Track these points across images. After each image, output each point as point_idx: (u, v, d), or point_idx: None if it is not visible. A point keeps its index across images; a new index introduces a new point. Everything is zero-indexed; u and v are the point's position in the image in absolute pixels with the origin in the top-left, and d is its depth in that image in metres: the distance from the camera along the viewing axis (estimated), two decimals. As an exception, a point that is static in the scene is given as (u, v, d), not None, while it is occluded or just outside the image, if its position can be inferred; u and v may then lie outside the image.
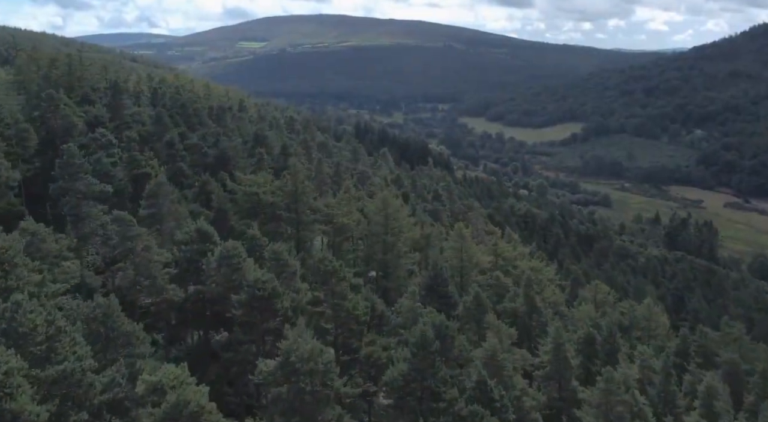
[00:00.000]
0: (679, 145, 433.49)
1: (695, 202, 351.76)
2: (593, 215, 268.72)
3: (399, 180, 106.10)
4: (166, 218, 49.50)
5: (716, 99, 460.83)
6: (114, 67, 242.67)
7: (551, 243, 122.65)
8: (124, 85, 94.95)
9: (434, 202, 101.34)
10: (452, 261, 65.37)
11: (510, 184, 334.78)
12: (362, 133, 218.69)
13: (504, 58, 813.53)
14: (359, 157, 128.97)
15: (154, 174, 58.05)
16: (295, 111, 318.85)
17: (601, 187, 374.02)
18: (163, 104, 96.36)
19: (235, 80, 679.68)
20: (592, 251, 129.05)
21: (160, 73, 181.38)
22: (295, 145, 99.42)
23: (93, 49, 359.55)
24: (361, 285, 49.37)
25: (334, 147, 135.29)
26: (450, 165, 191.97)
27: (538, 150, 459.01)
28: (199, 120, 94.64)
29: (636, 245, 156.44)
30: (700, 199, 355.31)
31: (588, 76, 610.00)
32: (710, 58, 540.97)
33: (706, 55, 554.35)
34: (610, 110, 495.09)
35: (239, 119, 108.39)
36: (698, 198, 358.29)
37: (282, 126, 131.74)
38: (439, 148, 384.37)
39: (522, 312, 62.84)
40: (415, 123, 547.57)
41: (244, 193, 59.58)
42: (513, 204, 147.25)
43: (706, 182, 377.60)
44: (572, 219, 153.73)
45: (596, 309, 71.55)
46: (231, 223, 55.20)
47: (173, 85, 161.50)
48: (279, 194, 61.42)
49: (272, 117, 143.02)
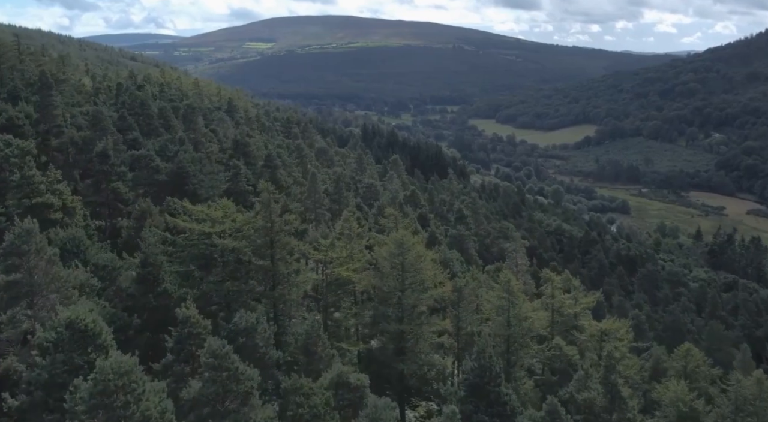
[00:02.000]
0: (697, 148, 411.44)
1: (716, 208, 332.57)
2: (622, 228, 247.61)
3: (414, 197, 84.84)
4: (41, 288, 29.08)
5: (734, 101, 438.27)
6: (101, 63, 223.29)
7: (593, 270, 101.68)
8: (64, 76, 73.58)
9: (458, 223, 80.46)
10: (497, 328, 44.82)
11: (525, 190, 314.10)
12: (369, 137, 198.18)
13: (513, 59, 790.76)
14: (365, 166, 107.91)
15: (58, 205, 37.46)
16: (300, 112, 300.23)
17: (617, 193, 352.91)
18: (122, 102, 75.85)
19: (242, 81, 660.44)
20: (638, 277, 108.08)
21: (151, 71, 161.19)
22: (286, 154, 78.65)
23: (91, 46, 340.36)
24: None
25: (336, 154, 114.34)
26: (466, 172, 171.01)
27: (551, 153, 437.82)
28: (166, 123, 74.03)
29: (679, 265, 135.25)
30: (721, 206, 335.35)
31: (601, 77, 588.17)
32: (726, 59, 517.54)
33: (722, 56, 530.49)
34: (624, 113, 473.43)
35: (221, 122, 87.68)
36: (719, 204, 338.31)
37: (275, 129, 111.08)
38: (450, 151, 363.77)
39: (600, 405, 42.16)
40: (423, 125, 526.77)
41: (188, 235, 38.60)
42: (541, 219, 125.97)
43: (726, 188, 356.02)
44: (605, 235, 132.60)
45: (689, 386, 50.66)
46: (164, 287, 34.34)
47: (158, 83, 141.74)
48: (247, 233, 40.67)
49: (265, 118, 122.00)
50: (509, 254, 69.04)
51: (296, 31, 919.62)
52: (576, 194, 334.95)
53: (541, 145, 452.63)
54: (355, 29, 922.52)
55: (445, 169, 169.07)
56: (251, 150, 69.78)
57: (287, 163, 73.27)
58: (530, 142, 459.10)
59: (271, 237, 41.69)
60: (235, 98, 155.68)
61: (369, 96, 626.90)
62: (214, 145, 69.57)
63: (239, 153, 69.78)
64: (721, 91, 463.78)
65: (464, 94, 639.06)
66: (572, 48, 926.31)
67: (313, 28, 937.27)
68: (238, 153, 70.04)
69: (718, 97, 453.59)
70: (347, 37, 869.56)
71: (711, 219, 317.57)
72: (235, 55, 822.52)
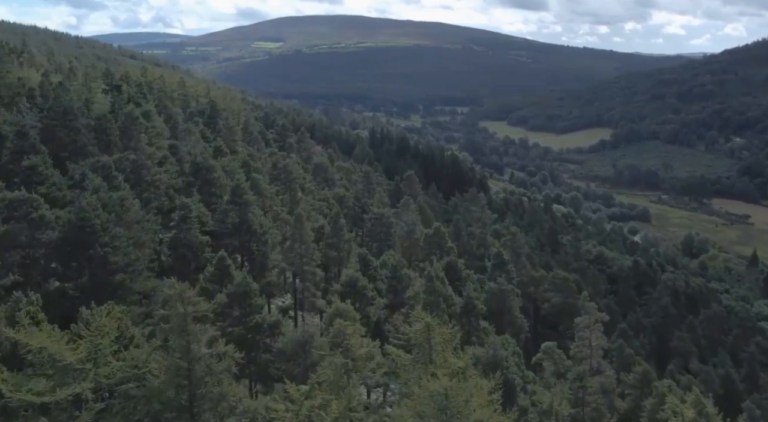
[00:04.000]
0: (718, 153, 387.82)
1: (741, 217, 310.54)
2: (647, 239, 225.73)
3: (439, 237, 62.70)
4: None
5: (753, 104, 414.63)
6: (87, 60, 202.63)
7: (656, 316, 79.48)
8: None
9: (495, 271, 58.58)
10: None
11: (541, 197, 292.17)
12: (378, 142, 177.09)
13: (524, 60, 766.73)
14: (374, 186, 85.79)
15: None
16: (306, 113, 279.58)
17: (636, 199, 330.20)
18: (49, 108, 55.09)
19: (250, 80, 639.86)
20: (702, 321, 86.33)
21: (130, 69, 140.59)
22: (265, 181, 57.33)
23: (89, 44, 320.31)
24: None
25: (338, 169, 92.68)
26: (486, 184, 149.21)
27: (565, 157, 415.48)
28: (104, 137, 53.21)
29: (735, 297, 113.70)
30: (746, 214, 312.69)
31: (614, 79, 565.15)
32: (743, 61, 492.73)
33: (739, 58, 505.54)
34: (640, 116, 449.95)
35: (187, 134, 66.53)
36: (744, 212, 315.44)
37: (265, 139, 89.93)
38: (462, 155, 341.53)
39: None
40: (433, 127, 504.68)
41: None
42: (579, 245, 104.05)
43: (750, 195, 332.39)
44: (656, 265, 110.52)
45: None
46: None
47: (136, 82, 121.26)
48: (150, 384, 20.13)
49: (256, 125, 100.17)
50: (580, 331, 48.06)
51: (304, 30, 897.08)
52: (594, 201, 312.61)
53: (555, 148, 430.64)
54: (363, 29, 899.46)
55: (463, 179, 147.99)
56: (216, 177, 48.89)
57: (267, 193, 52.31)
58: (543, 144, 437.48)
59: (190, 388, 20.97)
60: (228, 99, 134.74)
61: (377, 96, 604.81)
62: (164, 172, 48.48)
63: (200, 180, 48.97)
64: (739, 93, 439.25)
65: (474, 95, 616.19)
66: (582, 49, 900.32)
67: (322, 27, 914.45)
68: (198, 181, 49.21)
69: (736, 100, 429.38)
70: (355, 37, 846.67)
71: (736, 228, 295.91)
72: (242, 54, 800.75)
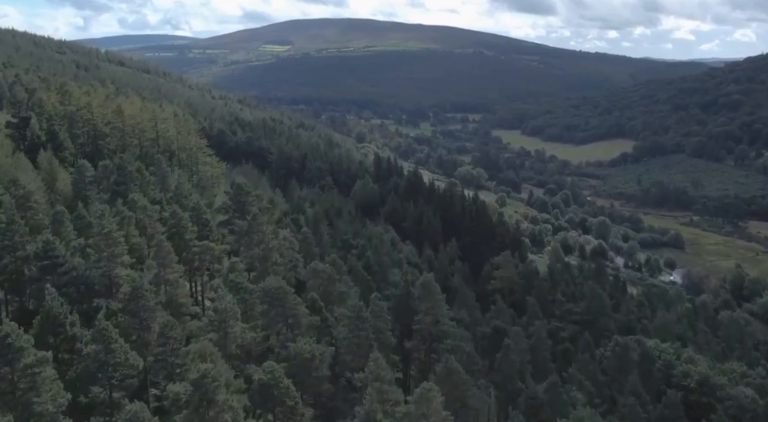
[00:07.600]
0: (749, 169, 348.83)
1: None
2: (689, 280, 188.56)
3: None
4: None
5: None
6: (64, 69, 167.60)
7: None
8: None
9: None
10: None
11: (565, 220, 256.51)
12: (384, 174, 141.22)
13: (535, 65, 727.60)
14: (370, 347, 48.61)
15: None
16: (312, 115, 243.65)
17: (666, 222, 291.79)
18: None
19: (256, 84, 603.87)
20: None
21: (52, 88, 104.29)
22: None
23: (71, 48, 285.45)
24: None
25: (313, 270, 56.30)
26: (521, 241, 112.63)
27: (585, 171, 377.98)
28: None
29: None
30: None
31: (632, 87, 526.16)
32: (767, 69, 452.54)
33: (762, 66, 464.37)
34: (663, 127, 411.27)
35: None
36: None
37: (205, 219, 54.06)
38: (476, 171, 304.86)
39: None
40: (444, 136, 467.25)
41: None
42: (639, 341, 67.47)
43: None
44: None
45: None
46: None
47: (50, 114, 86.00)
48: None
49: (198, 188, 64.88)
50: None
51: (312, 33, 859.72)
52: (620, 223, 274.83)
53: (573, 161, 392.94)
54: (372, 33, 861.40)
55: (489, 233, 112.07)
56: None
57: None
58: (560, 157, 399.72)
59: None
60: (185, 133, 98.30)
61: (386, 102, 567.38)
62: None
63: None
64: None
65: (486, 101, 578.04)
66: (594, 54, 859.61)
67: (329, 31, 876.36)
68: None
69: (766, 111, 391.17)
70: (364, 40, 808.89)
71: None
72: (249, 57, 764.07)
